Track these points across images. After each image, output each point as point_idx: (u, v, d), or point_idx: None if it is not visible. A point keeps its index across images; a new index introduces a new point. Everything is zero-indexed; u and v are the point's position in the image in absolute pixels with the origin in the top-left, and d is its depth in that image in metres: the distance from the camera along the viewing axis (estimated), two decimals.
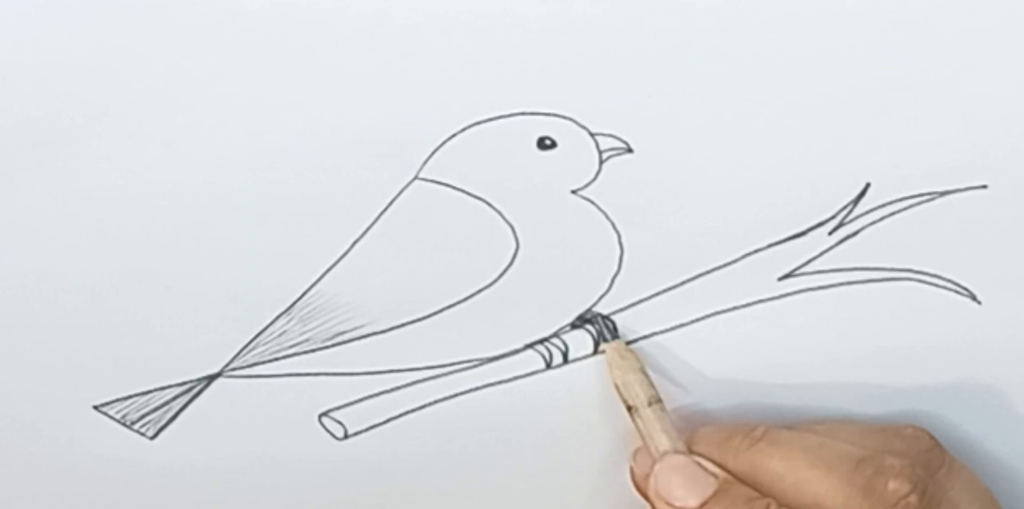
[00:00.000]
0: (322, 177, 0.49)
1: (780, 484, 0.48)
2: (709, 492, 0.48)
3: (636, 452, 0.51)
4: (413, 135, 0.48)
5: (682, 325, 0.51)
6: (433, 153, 0.48)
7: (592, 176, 0.49)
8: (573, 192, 0.49)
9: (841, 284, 0.51)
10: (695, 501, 0.48)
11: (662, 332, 0.51)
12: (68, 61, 0.47)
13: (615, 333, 0.51)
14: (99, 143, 0.48)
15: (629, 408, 0.51)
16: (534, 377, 0.52)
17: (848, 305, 0.51)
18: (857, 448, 0.48)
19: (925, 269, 0.51)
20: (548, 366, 0.52)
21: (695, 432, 0.51)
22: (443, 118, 0.48)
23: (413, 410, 0.52)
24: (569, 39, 0.47)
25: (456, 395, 0.52)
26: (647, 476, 0.50)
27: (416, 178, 0.49)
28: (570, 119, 0.48)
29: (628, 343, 0.51)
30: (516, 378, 0.52)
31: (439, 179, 0.49)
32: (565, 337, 0.51)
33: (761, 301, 0.51)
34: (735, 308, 0.51)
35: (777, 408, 0.53)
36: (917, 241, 0.50)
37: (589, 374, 0.52)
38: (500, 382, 0.52)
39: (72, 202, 0.49)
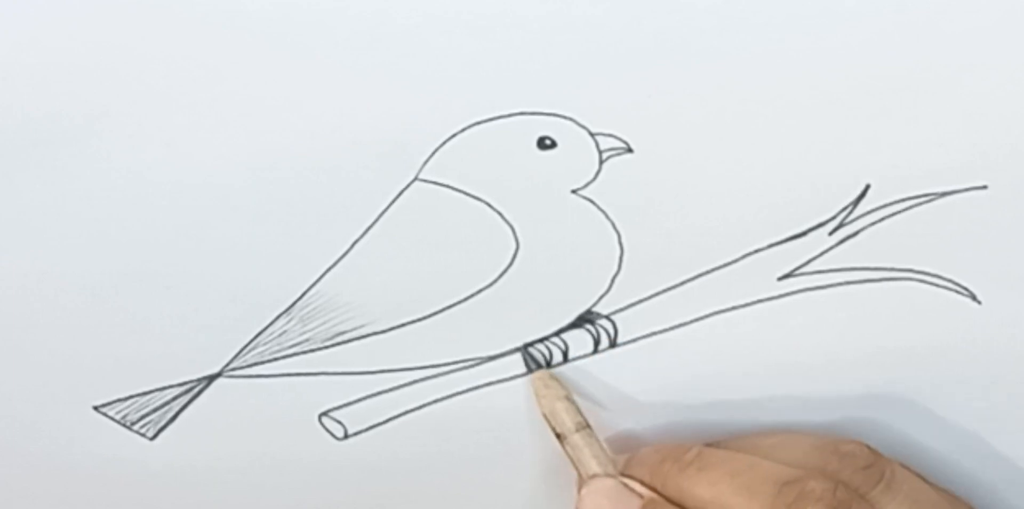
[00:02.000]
0: (322, 177, 0.49)
1: None
2: None
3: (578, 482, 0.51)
4: (413, 135, 0.48)
5: (682, 325, 0.51)
6: (433, 153, 0.49)
7: (592, 176, 0.49)
8: (573, 192, 0.49)
9: (841, 284, 0.51)
10: None
11: (662, 332, 0.51)
12: (68, 61, 0.47)
13: (614, 335, 0.51)
14: (99, 143, 0.48)
15: (558, 436, 0.51)
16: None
17: (848, 305, 0.51)
18: (785, 469, 0.48)
19: (925, 269, 0.51)
20: (548, 366, 0.52)
21: (632, 455, 0.51)
22: (443, 118, 0.48)
23: (413, 410, 0.52)
24: (569, 39, 0.47)
25: (456, 395, 0.52)
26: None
27: (416, 178, 0.49)
28: (570, 119, 0.48)
29: (628, 343, 0.51)
30: (516, 378, 0.52)
31: (439, 179, 0.49)
32: (565, 337, 0.51)
33: (761, 301, 0.51)
34: (735, 308, 0.51)
35: (777, 408, 0.53)
36: (917, 241, 0.50)
37: (589, 374, 0.52)
38: (500, 382, 0.52)
39: (72, 202, 0.49)
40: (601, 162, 0.49)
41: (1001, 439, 0.53)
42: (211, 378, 0.51)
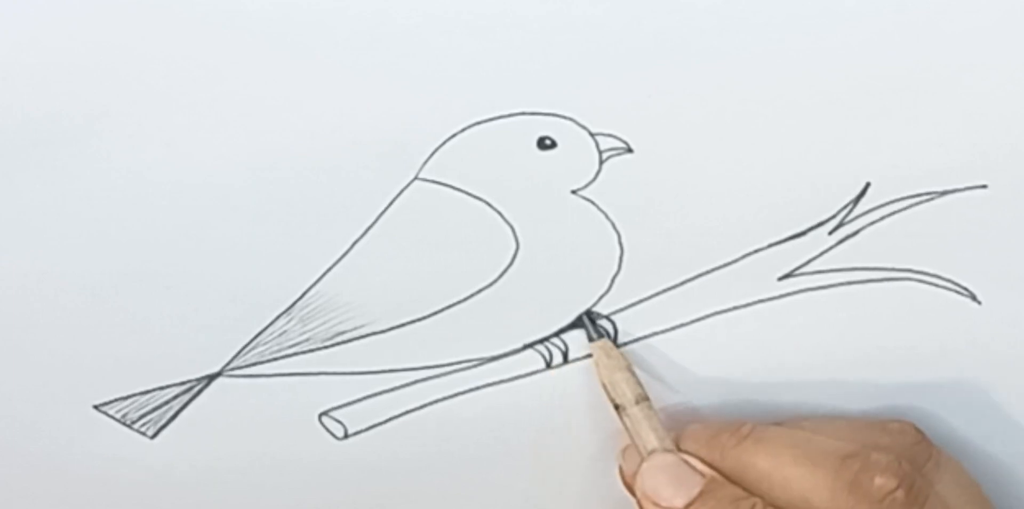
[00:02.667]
0: (322, 177, 0.49)
1: (767, 481, 0.48)
2: (695, 492, 0.48)
3: (624, 450, 0.51)
4: (413, 135, 0.48)
5: (682, 325, 0.51)
6: (433, 153, 0.48)
7: (592, 176, 0.49)
8: (573, 192, 0.49)
9: (841, 284, 0.51)
10: (681, 501, 0.48)
11: (662, 332, 0.51)
12: (68, 61, 0.47)
13: (613, 333, 0.51)
14: (99, 143, 0.48)
15: (617, 407, 0.51)
16: (534, 377, 0.52)
17: (848, 305, 0.51)
18: (843, 444, 0.48)
19: (925, 269, 0.51)
20: (548, 366, 0.52)
21: (683, 430, 0.51)
22: (443, 118, 0.48)
23: (413, 410, 0.52)
24: (569, 39, 0.47)
25: (456, 395, 0.52)
26: (635, 474, 0.50)
27: (416, 178, 0.49)
28: (570, 119, 0.48)
29: (628, 343, 0.51)
30: (516, 378, 0.52)
31: (439, 179, 0.49)
32: (565, 337, 0.51)
33: (761, 301, 0.51)
34: (735, 308, 0.51)
35: (776, 408, 0.53)
36: (917, 241, 0.50)
37: (589, 374, 0.52)
38: (500, 382, 0.52)
39: (72, 202, 0.49)
40: (601, 162, 0.49)
41: (1000, 439, 0.53)
42: (211, 378, 0.51)
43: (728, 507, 0.48)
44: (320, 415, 0.52)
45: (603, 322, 0.51)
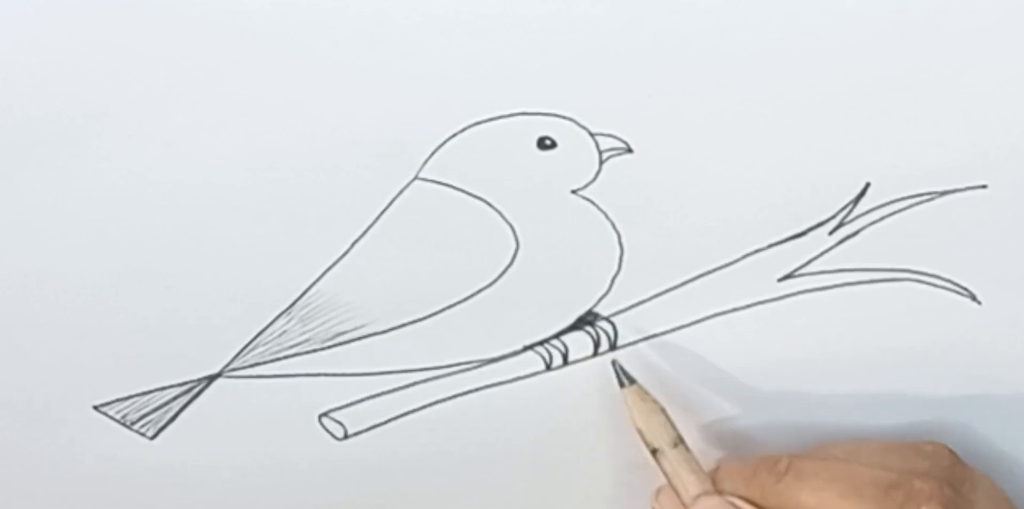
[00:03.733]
0: (322, 177, 0.49)
1: None
2: None
3: (659, 492, 0.51)
4: (413, 135, 0.48)
5: (682, 326, 0.51)
6: (433, 153, 0.49)
7: (592, 176, 0.49)
8: (573, 192, 0.49)
9: (841, 285, 0.51)
10: None
11: (662, 333, 0.51)
12: (68, 61, 0.47)
13: (614, 337, 0.51)
14: (99, 143, 0.48)
15: (654, 451, 0.50)
16: (534, 378, 0.52)
17: (848, 305, 0.51)
18: (884, 472, 0.48)
19: (925, 269, 0.51)
20: (548, 368, 0.52)
21: (718, 468, 0.51)
22: (443, 118, 0.48)
23: (413, 411, 0.52)
24: (569, 39, 0.47)
25: (456, 396, 0.52)
26: None
27: (416, 178, 0.49)
28: (570, 119, 0.48)
29: (628, 345, 0.51)
30: (516, 379, 0.52)
31: (439, 179, 0.49)
32: (565, 339, 0.51)
33: (761, 302, 0.51)
34: (735, 309, 0.51)
35: (776, 408, 0.53)
36: (917, 241, 0.50)
37: (589, 376, 0.52)
38: (500, 383, 0.52)
39: (72, 202, 0.49)
40: (601, 162, 0.49)
41: (1000, 439, 0.53)
42: (211, 378, 0.51)
43: None
44: (320, 416, 0.52)
45: (603, 324, 0.51)
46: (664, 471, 0.50)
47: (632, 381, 0.51)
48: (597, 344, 0.51)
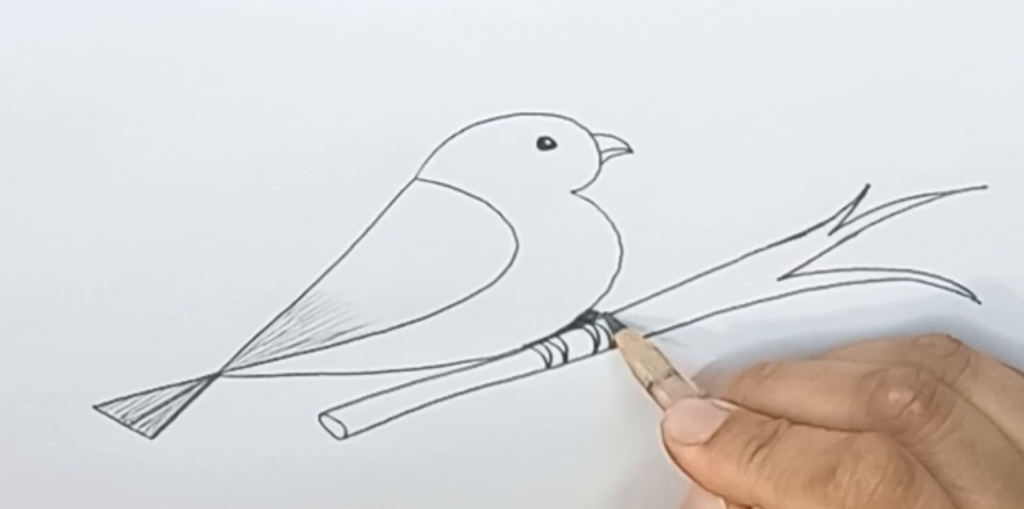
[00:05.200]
0: (322, 177, 0.49)
1: (787, 415, 0.47)
2: (719, 423, 0.47)
3: (664, 422, 0.50)
4: (413, 135, 0.48)
5: (682, 325, 0.51)
6: (433, 153, 0.49)
7: (592, 176, 0.49)
8: (573, 192, 0.49)
9: (841, 284, 0.51)
10: (706, 433, 0.47)
11: (662, 332, 0.51)
12: (68, 61, 0.47)
13: (617, 329, 0.51)
14: (99, 143, 0.48)
15: (650, 385, 0.50)
16: (534, 377, 0.52)
17: (848, 305, 0.51)
18: (864, 366, 0.47)
19: (925, 269, 0.51)
20: (548, 366, 0.52)
21: (710, 385, 0.50)
22: (443, 118, 0.48)
23: (413, 410, 0.52)
24: (569, 39, 0.47)
25: (456, 395, 0.52)
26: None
27: (416, 179, 0.49)
28: (570, 119, 0.48)
29: None
30: (516, 378, 0.52)
31: (439, 179, 0.49)
32: (565, 337, 0.51)
33: (761, 301, 0.51)
34: (735, 308, 0.51)
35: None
36: (917, 241, 0.50)
37: (589, 375, 0.52)
38: (500, 382, 0.52)
39: (72, 202, 0.49)
40: (601, 162, 0.49)
41: None
42: (211, 378, 0.51)
43: (754, 430, 0.47)
44: (320, 415, 0.52)
45: (602, 322, 0.51)
46: (660, 404, 0.50)
47: (623, 327, 0.51)
48: (597, 343, 0.51)
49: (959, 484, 0.45)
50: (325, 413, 0.52)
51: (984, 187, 0.50)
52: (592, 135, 0.49)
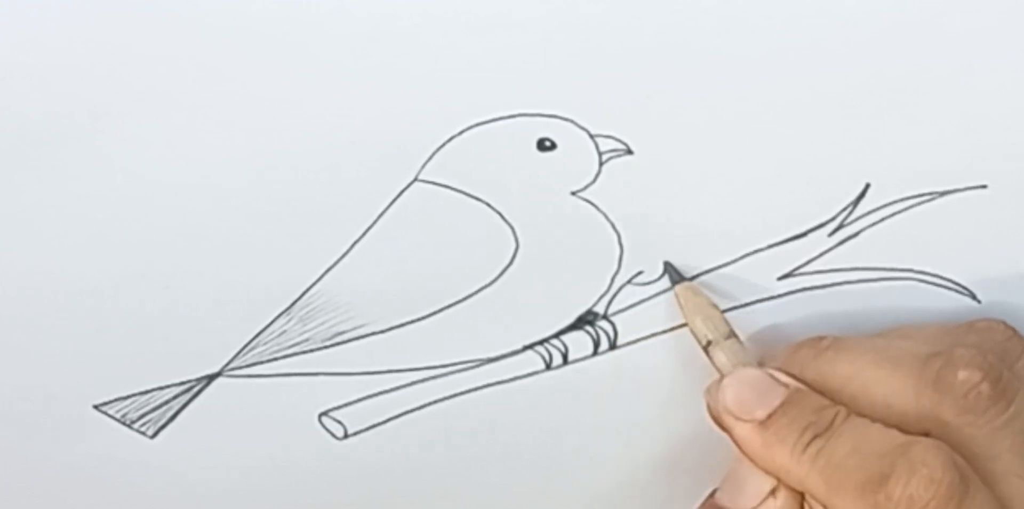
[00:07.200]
0: (322, 177, 0.49)
1: (849, 387, 0.47)
2: (777, 402, 0.47)
3: (711, 385, 0.49)
4: (413, 136, 0.48)
5: (682, 325, 0.51)
6: (433, 154, 0.49)
7: (592, 177, 0.49)
8: (573, 193, 0.49)
9: (841, 284, 0.51)
10: (763, 411, 0.47)
11: (662, 332, 0.51)
12: (68, 61, 0.47)
13: (614, 337, 0.51)
14: (99, 143, 0.48)
15: (708, 344, 0.49)
16: (533, 378, 0.52)
17: (848, 305, 0.51)
18: (926, 345, 0.47)
19: (925, 269, 0.51)
20: (548, 367, 0.52)
21: (763, 353, 0.50)
22: (443, 119, 0.48)
23: (413, 410, 0.52)
24: (569, 39, 0.47)
25: (456, 395, 0.52)
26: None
27: (416, 180, 0.49)
28: (570, 120, 0.48)
29: (627, 344, 0.51)
30: (515, 379, 0.52)
31: (439, 180, 0.49)
32: (565, 339, 0.51)
33: (760, 300, 0.51)
34: (735, 308, 0.51)
35: None
36: (917, 241, 0.50)
37: (588, 376, 0.52)
38: (499, 383, 0.52)
39: (72, 202, 0.49)
40: (601, 163, 0.49)
41: None
42: (211, 378, 0.51)
43: (811, 416, 0.46)
44: (320, 415, 0.52)
45: (602, 323, 0.51)
46: (717, 366, 0.49)
47: (683, 278, 0.50)
48: (597, 344, 0.51)
49: (1021, 473, 0.45)
50: (325, 413, 0.52)
51: (984, 187, 0.50)
52: (592, 136, 0.49)
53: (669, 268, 0.51)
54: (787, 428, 0.46)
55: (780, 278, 0.51)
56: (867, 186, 0.50)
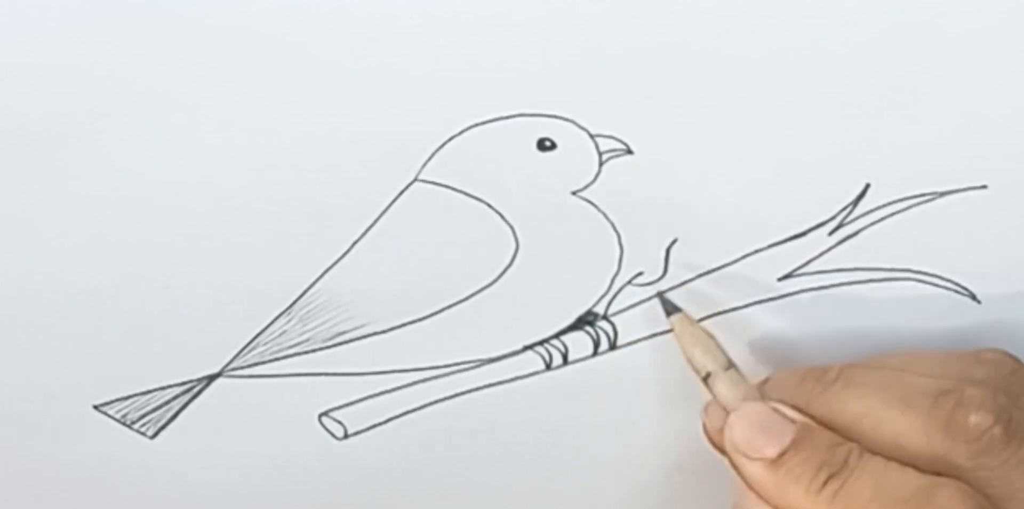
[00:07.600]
0: (322, 177, 0.49)
1: (858, 425, 0.46)
2: (788, 440, 0.46)
3: (708, 406, 0.49)
4: (413, 136, 0.48)
5: None
6: (433, 154, 0.49)
7: (592, 177, 0.49)
8: (573, 193, 0.49)
9: (841, 284, 0.51)
10: (773, 450, 0.46)
11: (662, 333, 0.51)
12: (68, 61, 0.47)
13: (614, 337, 0.51)
14: (99, 143, 0.48)
15: (707, 376, 0.49)
16: (533, 378, 0.52)
17: (848, 305, 0.51)
18: (935, 381, 0.46)
19: (925, 269, 0.51)
20: (548, 368, 0.52)
21: (767, 380, 0.49)
22: (443, 119, 0.48)
23: (413, 410, 0.52)
24: (569, 39, 0.47)
25: (456, 396, 0.52)
26: (720, 430, 0.47)
27: (416, 180, 0.49)
28: (570, 120, 0.48)
29: (627, 345, 0.51)
30: (515, 379, 0.52)
31: (439, 180, 0.49)
32: (565, 339, 0.51)
33: (760, 301, 0.51)
34: (735, 308, 0.51)
35: None
36: (917, 241, 0.50)
37: (588, 376, 0.52)
38: (499, 383, 0.52)
39: (72, 202, 0.49)
40: (601, 163, 0.49)
41: None
42: (211, 378, 0.51)
43: (824, 455, 0.45)
44: (320, 415, 0.52)
45: (602, 324, 0.51)
46: (718, 398, 0.49)
47: (677, 310, 0.50)
48: (597, 344, 0.51)
49: None
50: (325, 413, 0.52)
51: (984, 187, 0.50)
52: (592, 136, 0.49)
53: (663, 300, 0.51)
54: (800, 467, 0.45)
55: (780, 278, 0.51)
56: (867, 186, 0.50)
